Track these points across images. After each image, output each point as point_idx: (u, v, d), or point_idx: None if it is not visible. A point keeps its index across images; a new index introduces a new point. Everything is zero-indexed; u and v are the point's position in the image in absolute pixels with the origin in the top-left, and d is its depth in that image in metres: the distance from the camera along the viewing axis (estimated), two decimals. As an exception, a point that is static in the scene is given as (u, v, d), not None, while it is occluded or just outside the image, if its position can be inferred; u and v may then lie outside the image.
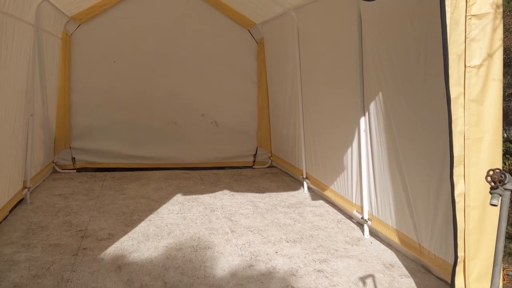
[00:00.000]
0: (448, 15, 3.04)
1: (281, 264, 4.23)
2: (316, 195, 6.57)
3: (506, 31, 7.99)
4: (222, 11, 8.10)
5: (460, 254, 3.17)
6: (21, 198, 5.72)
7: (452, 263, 3.34)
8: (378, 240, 4.87)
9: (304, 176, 6.81)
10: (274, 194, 6.65)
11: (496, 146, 3.13)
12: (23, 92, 5.57)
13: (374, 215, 4.90)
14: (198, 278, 3.91)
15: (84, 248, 4.46)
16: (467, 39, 3.04)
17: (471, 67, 3.06)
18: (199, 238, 4.83)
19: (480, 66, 3.06)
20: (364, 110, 4.95)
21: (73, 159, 7.84)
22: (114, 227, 5.08)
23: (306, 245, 4.70)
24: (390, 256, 4.46)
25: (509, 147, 6.83)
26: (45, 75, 6.66)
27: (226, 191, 6.75)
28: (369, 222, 4.95)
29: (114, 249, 4.48)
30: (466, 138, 3.11)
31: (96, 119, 7.94)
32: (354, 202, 5.35)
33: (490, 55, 3.04)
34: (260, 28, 8.20)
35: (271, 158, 8.49)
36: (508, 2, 7.90)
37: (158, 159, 8.19)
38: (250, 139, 8.54)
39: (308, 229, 5.18)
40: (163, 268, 4.08)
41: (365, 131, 4.95)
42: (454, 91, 3.07)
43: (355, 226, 5.27)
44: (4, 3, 4.53)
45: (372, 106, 4.78)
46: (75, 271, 3.96)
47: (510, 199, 2.00)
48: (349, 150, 5.37)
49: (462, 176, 3.13)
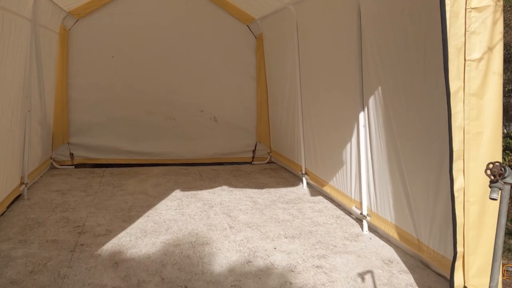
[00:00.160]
0: (447, 8, 3.00)
1: (279, 260, 4.21)
2: (315, 190, 6.54)
3: (506, 26, 7.95)
4: (221, 6, 8.04)
5: (459, 249, 3.15)
6: (18, 194, 5.69)
7: (451, 258, 3.31)
8: (377, 235, 4.84)
9: (303, 172, 6.78)
10: (273, 190, 6.62)
11: (496, 141, 3.09)
12: (20, 87, 5.53)
13: (373, 210, 4.87)
14: (196, 274, 3.89)
15: (81, 244, 4.44)
16: (467, 32, 3.00)
17: (471, 60, 3.02)
18: (197, 234, 4.80)
19: (480, 59, 3.03)
20: (363, 105, 4.91)
21: (71, 155, 7.81)
22: (111, 223, 5.05)
23: (304, 241, 4.68)
24: (389, 252, 4.43)
25: (509, 142, 6.80)
26: (42, 71, 6.62)
27: (225, 187, 6.72)
28: (368, 218, 4.92)
29: (111, 245, 4.46)
30: (465, 132, 3.08)
31: (95, 115, 7.89)
32: (353, 197, 5.32)
33: (490, 49, 3.00)
34: (259, 24, 8.15)
35: (270, 154, 8.46)
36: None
37: (157, 155, 8.16)
38: (249, 134, 8.50)
39: (307, 225, 5.15)
40: (161, 264, 4.05)
41: (364, 126, 4.92)
42: (454, 85, 3.03)
43: (354, 222, 5.25)
44: (-1, -3, 4.49)
45: (371, 101, 4.75)
46: (72, 267, 3.94)
47: (510, 193, 1.96)
48: (348, 146, 5.34)
49: (461, 171, 3.10)
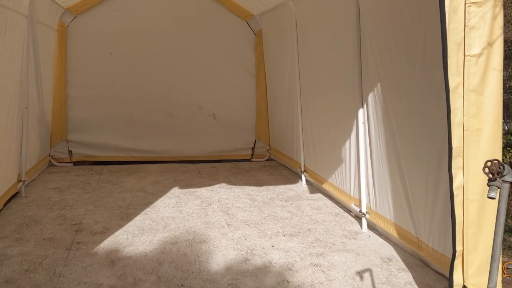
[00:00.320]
0: (447, 2, 2.94)
1: (277, 258, 4.17)
2: (314, 188, 6.50)
3: (507, 22, 7.88)
4: (220, 2, 7.98)
5: (458, 248, 3.10)
6: (16, 192, 5.66)
7: (450, 257, 3.26)
8: (376, 233, 4.80)
9: (302, 169, 6.73)
10: (272, 187, 6.57)
11: (496, 138, 3.04)
12: (17, 84, 5.49)
13: (372, 208, 4.83)
14: (193, 272, 3.85)
15: (78, 242, 4.40)
16: (466, 27, 2.94)
17: (470, 56, 2.97)
18: (194, 232, 4.77)
19: (479, 55, 2.97)
20: (362, 102, 4.86)
21: (69, 152, 7.77)
22: (109, 221, 5.02)
23: (303, 239, 4.64)
24: (388, 250, 4.39)
25: (509, 139, 6.74)
26: (40, 68, 6.57)
27: (223, 184, 6.68)
28: (367, 216, 4.88)
29: (108, 243, 4.42)
30: (465, 129, 3.03)
31: (93, 112, 7.85)
32: (352, 195, 5.28)
33: (490, 44, 2.94)
34: (258, 20, 8.09)
35: (270, 151, 8.41)
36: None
37: (156, 152, 8.12)
38: (249, 132, 8.45)
39: (306, 222, 5.11)
40: (157, 263, 4.01)
41: (363, 123, 4.87)
42: (453, 80, 2.98)
43: (353, 220, 5.21)
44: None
45: (370, 98, 4.70)
46: (67, 265, 3.90)
47: (509, 191, 1.91)
48: (347, 143, 5.30)
49: (461, 168, 3.05)
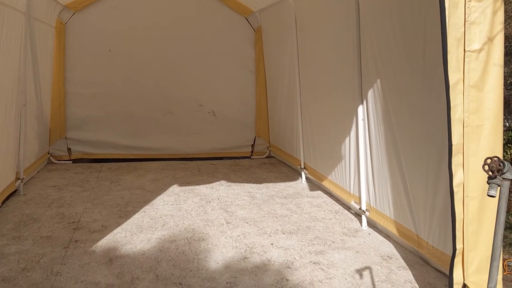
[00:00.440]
0: (447, -3, 2.90)
1: (276, 256, 4.14)
2: (314, 185, 6.46)
3: (508, 18, 7.81)
4: (219, -1, 7.96)
5: (458, 246, 3.07)
6: (14, 190, 5.63)
7: (451, 254, 3.23)
8: (376, 231, 4.77)
9: (302, 166, 6.70)
10: (272, 184, 6.54)
11: (496, 135, 3.00)
12: (15, 82, 5.45)
13: (372, 206, 4.80)
14: (191, 271, 3.83)
15: (76, 241, 4.38)
16: (466, 22, 2.90)
17: (470, 51, 2.92)
18: (193, 229, 4.74)
19: (480, 50, 2.93)
20: (362, 98, 4.83)
21: (68, 150, 7.74)
22: (107, 219, 4.99)
23: (302, 236, 4.61)
24: (388, 248, 4.36)
25: (510, 136, 6.69)
26: (38, 65, 6.54)
27: (223, 182, 6.65)
28: (367, 213, 4.85)
29: (106, 241, 4.40)
30: (465, 125, 2.99)
31: (92, 110, 7.82)
32: (352, 192, 5.24)
33: (490, 39, 2.90)
34: (257, 16, 8.04)
35: (270, 148, 8.38)
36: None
37: (155, 150, 8.08)
38: (248, 129, 8.41)
39: (305, 220, 5.08)
40: (156, 261, 3.99)
41: (363, 119, 4.83)
42: (453, 76, 2.94)
43: (353, 217, 5.17)
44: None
45: (370, 94, 4.66)
46: (65, 264, 3.88)
47: (510, 189, 1.87)
48: (346, 140, 5.26)
49: (461, 165, 3.01)
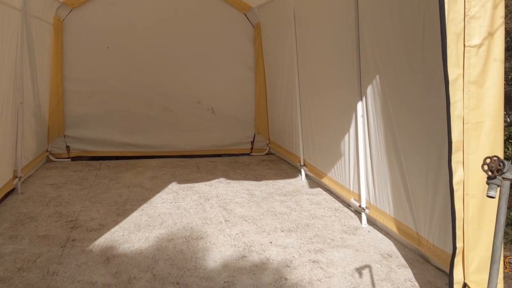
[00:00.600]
0: (446, -9, 2.84)
1: (275, 254, 4.10)
2: (313, 182, 6.42)
3: (509, 12, 7.73)
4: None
5: (458, 245, 3.02)
6: (12, 188, 5.60)
7: (451, 253, 3.19)
8: (376, 229, 4.72)
9: (302, 163, 6.65)
10: (271, 181, 6.50)
11: (497, 131, 2.95)
12: (11, 79, 5.41)
13: (371, 203, 4.75)
14: (189, 270, 3.79)
15: (73, 240, 4.34)
16: (466, 17, 2.84)
17: (470, 46, 2.86)
18: (191, 228, 4.70)
19: (480, 45, 2.87)
20: (361, 95, 4.77)
21: (67, 147, 7.71)
22: (105, 217, 4.95)
23: (301, 234, 4.57)
24: (388, 246, 4.31)
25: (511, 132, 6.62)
26: (35, 63, 6.48)
27: (222, 179, 6.61)
28: (366, 211, 4.80)
29: (103, 240, 4.36)
30: (465, 122, 2.93)
31: (91, 107, 7.78)
32: (351, 189, 5.20)
33: (491, 34, 2.84)
34: (256, 12, 7.98)
35: (269, 145, 8.33)
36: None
37: (154, 147, 8.05)
38: (248, 125, 8.36)
39: (305, 218, 5.03)
40: (153, 260, 3.95)
41: (362, 116, 4.78)
42: (453, 72, 2.88)
43: (352, 215, 5.13)
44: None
45: (369, 90, 4.60)
46: (62, 263, 3.84)
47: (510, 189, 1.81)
48: (346, 136, 5.21)
49: (461, 163, 2.96)
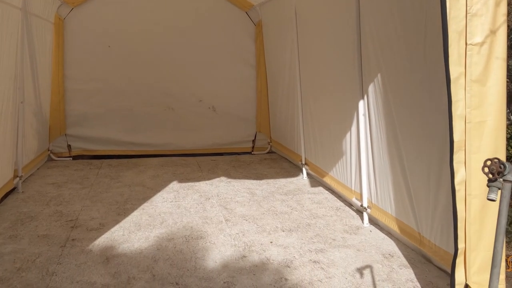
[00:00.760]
0: (448, -11, 2.80)
1: (275, 254, 4.07)
2: (315, 181, 6.38)
3: (513, 9, 7.65)
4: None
5: (460, 245, 2.98)
6: (13, 187, 5.59)
7: (453, 253, 3.15)
8: (377, 228, 4.69)
9: (303, 162, 6.61)
10: (272, 180, 6.47)
11: (499, 131, 2.91)
12: (12, 79, 5.39)
13: (373, 202, 4.71)
14: (188, 270, 3.76)
15: (73, 239, 4.32)
16: (468, 15, 2.80)
17: (472, 44, 2.82)
18: (192, 227, 4.67)
19: (482, 43, 2.83)
20: (363, 93, 4.74)
21: (68, 146, 7.70)
22: (105, 217, 4.94)
23: (302, 234, 4.53)
24: (390, 246, 4.28)
25: (515, 130, 6.56)
26: (36, 62, 6.46)
27: (223, 178, 6.58)
28: (368, 210, 4.76)
29: (103, 239, 4.34)
30: (467, 121, 2.89)
31: (92, 106, 7.76)
32: (353, 189, 5.16)
33: (493, 32, 2.80)
34: (258, 10, 7.94)
35: (271, 144, 8.30)
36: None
37: (156, 146, 8.03)
38: (249, 124, 8.33)
39: (306, 217, 5.00)
40: (153, 260, 3.93)
41: (364, 115, 4.74)
42: (454, 71, 2.84)
43: (354, 214, 5.09)
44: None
45: (371, 89, 4.56)
46: (61, 263, 3.82)
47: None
48: (347, 135, 5.17)
49: (462, 163, 2.92)
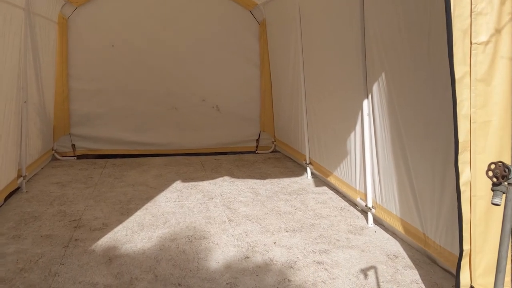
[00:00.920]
0: (452, -13, 2.76)
1: (279, 255, 4.05)
2: (319, 181, 6.35)
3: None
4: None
5: (465, 247, 2.94)
6: (17, 187, 5.60)
7: (458, 254, 3.12)
8: (382, 228, 4.65)
9: (307, 162, 6.58)
10: (276, 180, 6.44)
11: (505, 131, 2.86)
12: (15, 78, 5.39)
13: (378, 203, 4.68)
14: (191, 271, 3.75)
15: (76, 239, 4.32)
16: (473, 13, 2.75)
17: (477, 44, 2.78)
18: (194, 227, 4.66)
19: (487, 42, 2.78)
20: (367, 92, 4.70)
21: (73, 146, 7.70)
22: (109, 217, 4.93)
23: (306, 234, 4.51)
24: (395, 246, 4.24)
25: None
26: (40, 61, 6.46)
27: (226, 178, 6.56)
28: (373, 210, 4.73)
29: (106, 240, 4.33)
30: (472, 121, 2.85)
31: (96, 105, 7.76)
32: (357, 189, 5.12)
33: (498, 31, 2.75)
34: (262, 9, 7.90)
35: (275, 143, 8.26)
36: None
37: (159, 145, 8.02)
38: (253, 123, 8.30)
39: (310, 217, 4.97)
40: (155, 260, 3.92)
41: (368, 114, 4.71)
42: (459, 70, 2.80)
43: (359, 214, 5.06)
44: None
45: (375, 88, 4.53)
46: (64, 264, 3.82)
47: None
48: (352, 135, 5.14)
49: (468, 163, 2.88)
